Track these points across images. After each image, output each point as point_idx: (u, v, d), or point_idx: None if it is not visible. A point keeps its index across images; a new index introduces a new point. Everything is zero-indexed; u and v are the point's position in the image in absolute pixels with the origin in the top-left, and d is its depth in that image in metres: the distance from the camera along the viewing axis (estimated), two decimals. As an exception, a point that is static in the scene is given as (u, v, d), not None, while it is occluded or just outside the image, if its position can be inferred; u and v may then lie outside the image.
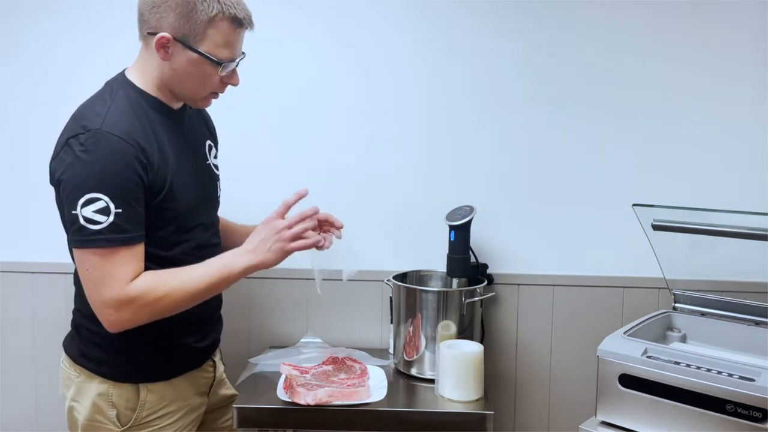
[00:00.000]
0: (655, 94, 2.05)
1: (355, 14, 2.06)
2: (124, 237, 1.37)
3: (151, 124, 1.46)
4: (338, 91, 2.10)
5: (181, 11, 1.40)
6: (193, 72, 1.46)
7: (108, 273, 1.36)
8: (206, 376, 1.69)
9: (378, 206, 2.11)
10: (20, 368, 2.15)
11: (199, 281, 1.43)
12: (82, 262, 1.39)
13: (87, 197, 1.34)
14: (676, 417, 1.49)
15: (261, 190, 2.11)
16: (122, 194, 1.36)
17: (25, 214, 2.12)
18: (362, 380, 1.78)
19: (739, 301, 1.77)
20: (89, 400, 1.51)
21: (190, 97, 1.53)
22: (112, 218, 1.35)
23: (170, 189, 1.46)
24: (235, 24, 1.44)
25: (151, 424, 1.54)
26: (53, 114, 2.08)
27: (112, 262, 1.36)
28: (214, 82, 1.49)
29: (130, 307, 1.38)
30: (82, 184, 1.35)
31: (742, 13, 2.01)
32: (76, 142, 1.37)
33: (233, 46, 1.47)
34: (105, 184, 1.35)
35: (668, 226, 1.75)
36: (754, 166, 2.05)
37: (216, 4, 1.41)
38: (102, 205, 1.34)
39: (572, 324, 2.12)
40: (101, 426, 1.52)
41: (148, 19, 1.44)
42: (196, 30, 1.41)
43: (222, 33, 1.43)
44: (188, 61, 1.44)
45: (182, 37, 1.42)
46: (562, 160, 2.09)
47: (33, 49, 2.09)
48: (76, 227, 1.36)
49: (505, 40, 2.06)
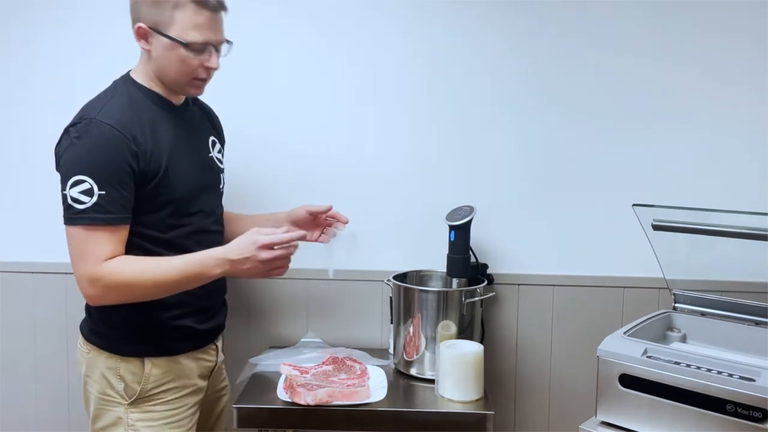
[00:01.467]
0: (654, 94, 2.05)
1: (362, 14, 2.06)
2: (105, 217, 1.47)
3: (148, 114, 1.56)
4: (340, 91, 2.10)
5: (150, 0, 1.50)
6: (170, 57, 1.53)
7: (86, 249, 1.47)
8: (209, 359, 1.73)
9: (378, 206, 2.11)
10: (20, 368, 2.15)
11: (170, 274, 1.50)
12: (68, 237, 1.50)
13: (74, 179, 1.46)
14: (676, 417, 1.49)
15: (262, 189, 2.12)
16: (108, 178, 1.46)
17: (25, 214, 2.12)
18: (362, 380, 1.78)
19: (739, 301, 1.77)
20: (99, 374, 1.61)
21: (175, 83, 1.59)
22: (95, 199, 1.45)
23: (164, 175, 1.55)
24: (199, 6, 1.51)
25: (155, 398, 1.61)
26: (53, 115, 2.08)
27: (91, 240, 1.47)
28: (193, 65, 1.55)
29: (97, 284, 1.47)
30: (72, 166, 1.47)
31: (742, 14, 2.01)
32: (73, 129, 1.50)
33: (203, 28, 1.53)
34: (92, 168, 1.46)
35: (668, 226, 1.75)
36: (754, 167, 2.05)
37: None
38: (86, 187, 1.45)
39: (572, 324, 2.12)
40: (110, 400, 1.60)
41: (131, 13, 1.55)
42: (164, 16, 1.50)
43: (188, 16, 1.50)
44: (163, 47, 1.53)
45: (154, 24, 1.51)
46: (562, 160, 2.09)
47: (32, 49, 2.08)
48: (65, 206, 1.48)
49: (506, 41, 2.06)
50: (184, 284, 1.54)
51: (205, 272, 1.52)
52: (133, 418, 1.59)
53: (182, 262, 1.52)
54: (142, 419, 1.60)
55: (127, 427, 1.59)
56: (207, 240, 1.63)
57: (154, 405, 1.61)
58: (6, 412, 2.17)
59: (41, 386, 2.16)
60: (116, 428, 1.60)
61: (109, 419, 1.60)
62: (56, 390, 2.15)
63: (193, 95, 1.68)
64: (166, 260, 1.52)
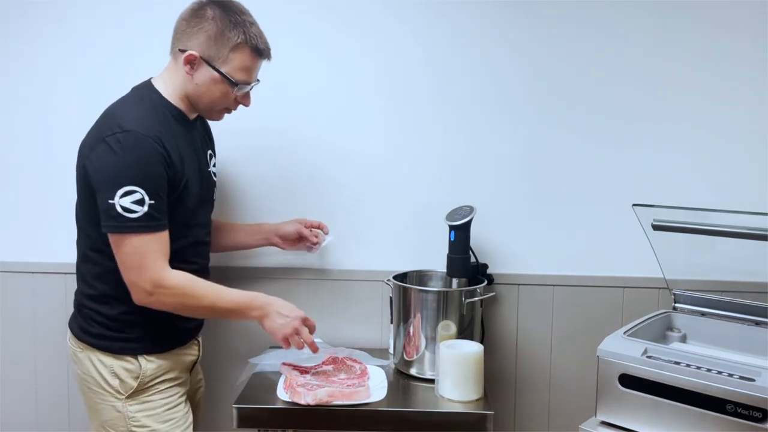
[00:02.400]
0: (655, 95, 2.05)
1: (368, 14, 2.06)
2: (156, 224, 1.56)
3: (171, 130, 1.63)
4: (340, 91, 2.09)
5: (211, 35, 1.60)
6: (213, 88, 1.65)
7: (145, 257, 1.55)
8: (192, 354, 1.81)
9: (378, 206, 2.11)
10: (20, 368, 2.15)
11: (224, 302, 1.66)
12: (121, 246, 1.56)
13: (126, 189, 1.52)
14: (676, 417, 1.49)
15: (262, 189, 2.12)
16: (154, 187, 1.55)
17: (25, 214, 2.12)
18: (362, 380, 1.78)
19: (739, 301, 1.77)
20: (93, 372, 1.66)
21: (206, 109, 1.71)
22: (147, 208, 1.53)
23: (183, 188, 1.64)
24: (255, 53, 1.65)
25: (152, 388, 1.68)
26: (52, 115, 2.10)
27: (148, 247, 1.55)
28: (229, 99, 1.68)
29: (160, 290, 1.56)
30: (120, 177, 1.52)
31: (743, 14, 2.01)
32: (113, 139, 1.53)
33: (250, 72, 1.67)
34: (141, 179, 1.53)
35: (668, 226, 1.75)
36: (754, 167, 2.05)
37: (242, 34, 1.61)
38: (138, 197, 1.52)
39: (572, 324, 2.12)
40: (108, 394, 1.66)
41: (181, 36, 1.63)
42: (221, 53, 1.61)
43: (243, 59, 1.63)
44: (210, 78, 1.63)
45: (208, 57, 1.61)
46: (562, 160, 2.09)
47: (32, 50, 2.08)
48: (113, 214, 1.53)
49: (507, 41, 2.06)
50: (228, 315, 1.77)
51: (248, 312, 1.69)
52: (132, 410, 1.65)
53: (235, 295, 1.67)
54: (142, 410, 1.66)
55: (127, 419, 1.65)
56: (202, 252, 1.78)
57: (151, 395, 1.68)
58: (6, 412, 2.17)
59: (41, 386, 2.16)
60: (117, 423, 1.66)
61: (109, 414, 1.67)
62: (56, 390, 2.15)
63: (215, 120, 1.78)
64: (221, 288, 1.66)
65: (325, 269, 2.12)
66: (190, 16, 1.62)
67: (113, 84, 2.00)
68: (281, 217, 2.09)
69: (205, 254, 1.79)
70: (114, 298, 1.64)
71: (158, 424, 1.66)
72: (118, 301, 1.64)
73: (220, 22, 1.60)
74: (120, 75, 1.92)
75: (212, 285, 1.66)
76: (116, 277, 1.60)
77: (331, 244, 2.06)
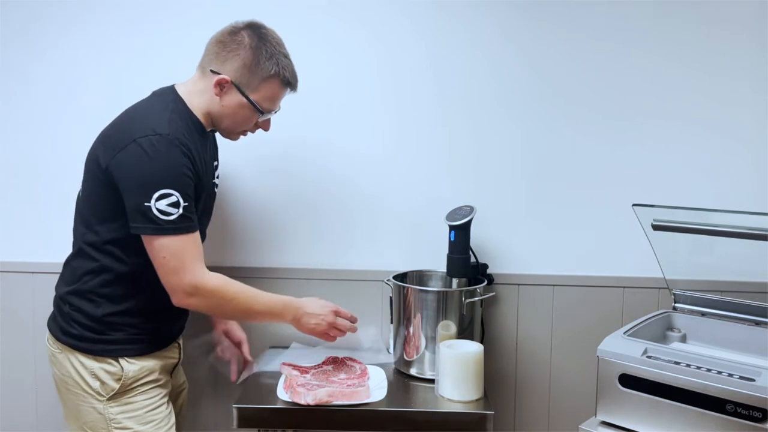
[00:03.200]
0: (655, 95, 2.05)
1: (371, 15, 2.06)
2: (190, 225, 1.58)
3: (193, 139, 1.65)
4: (341, 91, 2.09)
5: (246, 63, 1.63)
6: (239, 113, 1.68)
7: (184, 259, 1.57)
8: (172, 357, 1.80)
9: (378, 206, 2.11)
10: (20, 368, 2.15)
11: (260, 305, 1.70)
12: (159, 249, 1.57)
13: (161, 192, 1.53)
14: (676, 417, 1.49)
15: (262, 189, 2.12)
16: (187, 191, 1.57)
17: (25, 214, 2.12)
18: (362, 380, 1.78)
19: (739, 301, 1.77)
20: (73, 374, 1.66)
21: (227, 130, 1.74)
22: (181, 211, 1.55)
23: (198, 197, 1.66)
24: (284, 85, 1.70)
25: (133, 390, 1.67)
26: (52, 115, 2.10)
27: (185, 249, 1.58)
28: (251, 124, 1.73)
29: (201, 291, 1.59)
30: (156, 180, 1.54)
31: (743, 15, 2.01)
32: (146, 141, 1.54)
33: (276, 101, 1.72)
34: (175, 182, 1.55)
35: (668, 226, 1.75)
36: (754, 167, 2.05)
37: (275, 66, 1.64)
38: (174, 200, 1.54)
39: (572, 324, 2.12)
40: (88, 395, 1.65)
41: (214, 58, 1.65)
42: (253, 81, 1.65)
43: (272, 89, 1.68)
44: (237, 104, 1.67)
45: (239, 83, 1.64)
46: (562, 160, 2.09)
47: (32, 50, 2.08)
48: (149, 217, 1.54)
49: (508, 41, 2.06)
50: (262, 319, 1.81)
51: (281, 315, 1.74)
52: (114, 411, 1.65)
53: (269, 299, 1.72)
54: (123, 411, 1.65)
55: (108, 421, 1.65)
56: None
57: (133, 396, 1.67)
58: (6, 413, 2.17)
59: (41, 386, 2.16)
60: (98, 424, 1.66)
61: (90, 416, 1.66)
62: (56, 390, 2.15)
63: (232, 140, 1.80)
64: (256, 292, 1.69)
65: (325, 269, 2.12)
66: (224, 38, 1.64)
67: (113, 85, 2.02)
68: (281, 217, 2.10)
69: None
70: (102, 296, 1.64)
71: (140, 426, 1.66)
72: (107, 300, 1.64)
73: (256, 52, 1.62)
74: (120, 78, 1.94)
75: (248, 288, 1.68)
76: (110, 276, 1.62)
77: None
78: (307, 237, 2.13)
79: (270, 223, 2.12)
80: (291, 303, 1.74)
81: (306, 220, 2.12)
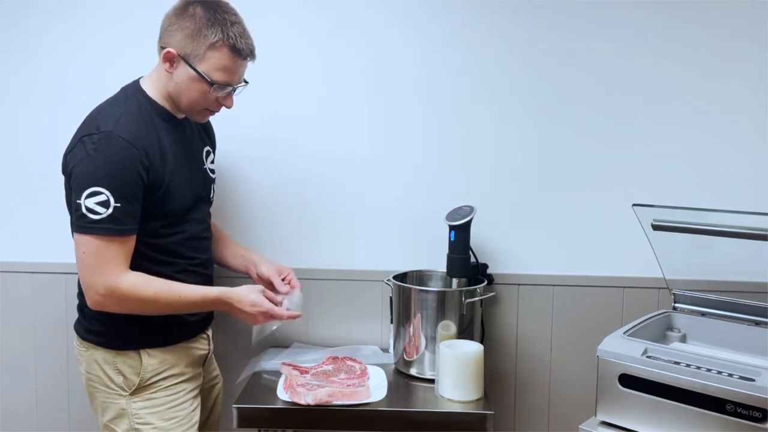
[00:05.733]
0: (655, 95, 2.05)
1: (363, 15, 2.06)
2: (119, 228, 1.54)
3: (156, 130, 1.62)
4: (341, 91, 2.09)
5: (189, 32, 1.58)
6: (191, 87, 1.62)
7: (102, 261, 1.54)
8: (201, 348, 1.79)
9: (378, 206, 2.11)
10: (20, 368, 2.15)
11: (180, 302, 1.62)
12: (80, 245, 1.55)
13: (91, 190, 1.51)
14: (676, 417, 1.49)
15: (262, 189, 2.12)
16: (123, 191, 1.53)
17: (25, 214, 2.12)
18: (362, 380, 1.79)
19: (739, 301, 1.77)
20: (98, 370, 1.67)
21: (187, 109, 1.68)
22: (111, 211, 1.52)
23: (167, 189, 1.62)
24: (233, 53, 1.60)
25: (155, 386, 1.67)
26: (52, 116, 2.10)
27: (107, 251, 1.54)
28: (209, 99, 1.65)
29: (114, 295, 1.55)
30: (89, 178, 1.52)
31: (743, 16, 2.01)
32: (89, 140, 1.54)
33: (230, 72, 1.63)
34: (109, 181, 1.52)
35: (668, 226, 1.75)
36: (754, 167, 2.05)
37: (219, 33, 1.58)
38: (103, 199, 1.51)
39: (572, 324, 2.12)
40: (113, 392, 1.66)
41: (163, 34, 1.62)
42: (198, 51, 1.59)
43: (220, 58, 1.60)
44: (188, 76, 1.61)
45: (185, 54, 1.59)
46: (562, 160, 2.08)
47: (32, 50, 2.08)
48: (78, 214, 1.53)
49: (507, 42, 2.06)
50: (188, 311, 1.68)
51: (208, 307, 1.71)
52: (136, 407, 1.65)
53: (193, 295, 1.64)
54: (145, 407, 1.66)
55: (131, 416, 1.65)
56: (200, 246, 1.75)
57: (155, 392, 1.67)
58: (6, 412, 2.17)
59: (41, 386, 2.16)
60: (122, 419, 1.66)
61: (114, 412, 1.67)
62: (56, 390, 2.15)
63: (198, 120, 1.74)
64: (178, 288, 1.62)
65: (325, 269, 2.12)
66: (173, 13, 1.61)
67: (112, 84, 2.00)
68: (281, 217, 2.10)
69: (203, 249, 1.77)
70: None
71: (161, 422, 1.66)
72: None
73: (198, 20, 1.57)
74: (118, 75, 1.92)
75: (171, 284, 1.62)
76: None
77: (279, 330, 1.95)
78: (307, 237, 2.13)
79: (270, 223, 2.12)
80: (219, 297, 1.66)
81: (306, 220, 2.12)
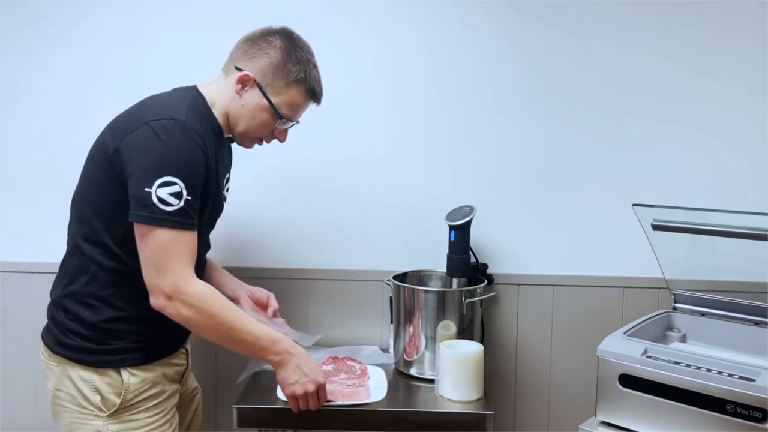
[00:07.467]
0: (655, 95, 2.05)
1: (371, 14, 2.06)
2: (188, 222, 1.46)
3: (210, 140, 1.56)
4: (341, 91, 2.08)
5: (273, 63, 1.57)
6: (257, 114, 1.61)
7: (172, 257, 1.44)
8: (180, 363, 1.69)
9: (378, 206, 2.11)
10: (20, 368, 2.15)
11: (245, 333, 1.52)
12: (148, 240, 1.44)
13: (165, 179, 1.42)
14: (676, 417, 1.49)
15: (261, 189, 2.12)
16: (194, 184, 1.46)
17: (25, 214, 2.12)
18: (362, 380, 1.78)
19: (739, 301, 1.77)
20: (71, 388, 1.54)
21: (241, 133, 1.64)
22: (182, 204, 1.43)
23: (205, 202, 1.55)
24: (309, 95, 1.63)
25: (135, 407, 1.55)
26: (52, 116, 2.10)
27: (177, 246, 1.45)
28: (266, 131, 1.65)
29: (181, 299, 1.45)
30: (162, 166, 1.42)
31: (743, 15, 2.01)
32: (160, 125, 1.44)
33: (298, 110, 1.65)
34: (183, 171, 1.44)
35: (668, 226, 1.75)
36: (754, 167, 2.05)
37: (303, 73, 1.59)
38: (177, 190, 1.43)
39: (572, 324, 2.12)
40: (87, 412, 1.53)
41: (241, 56, 1.60)
42: (277, 83, 1.58)
43: (295, 96, 1.61)
44: (257, 104, 1.59)
45: (262, 82, 1.58)
46: (563, 160, 2.09)
47: (33, 50, 2.08)
48: (147, 204, 1.42)
49: (508, 42, 2.06)
50: (242, 348, 1.56)
51: (266, 352, 1.55)
52: (113, 429, 1.53)
53: (258, 328, 1.54)
54: (124, 429, 1.54)
55: None
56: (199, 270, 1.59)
57: (135, 414, 1.55)
58: (6, 413, 2.17)
59: (41, 386, 2.15)
60: None
61: None
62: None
63: (245, 147, 1.71)
64: (244, 315, 1.54)
65: (325, 269, 2.12)
66: (256, 38, 1.59)
67: (112, 84, 2.01)
68: (281, 217, 2.10)
69: (201, 276, 1.60)
70: (101, 300, 1.52)
71: None
72: (106, 305, 1.52)
73: (285, 54, 1.57)
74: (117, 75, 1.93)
75: (236, 308, 1.53)
76: (110, 276, 1.51)
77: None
78: (307, 237, 2.13)
79: (270, 223, 2.12)
80: (282, 342, 1.56)
81: (306, 220, 2.12)
